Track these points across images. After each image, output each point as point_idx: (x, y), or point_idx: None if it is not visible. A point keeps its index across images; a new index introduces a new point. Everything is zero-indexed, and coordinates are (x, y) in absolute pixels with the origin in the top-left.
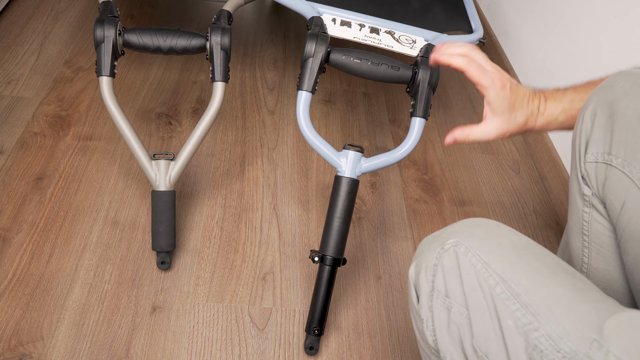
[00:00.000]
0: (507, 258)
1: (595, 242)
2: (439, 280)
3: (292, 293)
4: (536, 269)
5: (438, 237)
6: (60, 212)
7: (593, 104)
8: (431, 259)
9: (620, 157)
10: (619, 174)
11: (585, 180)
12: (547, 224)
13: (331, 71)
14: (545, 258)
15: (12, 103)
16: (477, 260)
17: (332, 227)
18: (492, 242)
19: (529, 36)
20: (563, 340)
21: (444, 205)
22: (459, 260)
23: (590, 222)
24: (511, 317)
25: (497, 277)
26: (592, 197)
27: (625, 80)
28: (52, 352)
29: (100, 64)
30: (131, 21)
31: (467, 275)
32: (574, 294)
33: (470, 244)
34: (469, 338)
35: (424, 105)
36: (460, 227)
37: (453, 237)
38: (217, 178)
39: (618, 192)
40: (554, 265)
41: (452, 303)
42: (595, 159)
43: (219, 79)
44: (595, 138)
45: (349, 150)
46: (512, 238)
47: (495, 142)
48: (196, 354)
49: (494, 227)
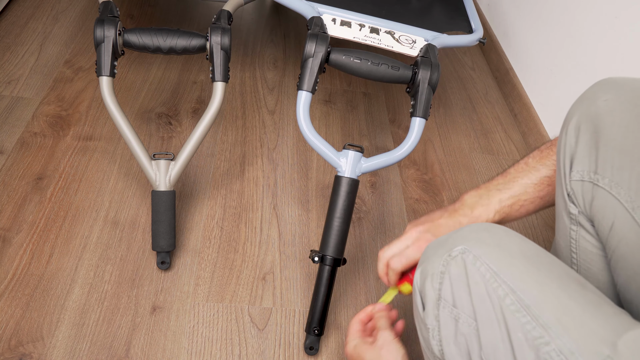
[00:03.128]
0: (516, 267)
1: (584, 260)
2: (446, 289)
3: (292, 293)
4: (546, 279)
5: (444, 243)
6: (60, 212)
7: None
8: (438, 266)
9: (607, 177)
10: (606, 195)
11: (571, 199)
12: (547, 224)
13: (331, 71)
14: (555, 267)
15: (12, 103)
16: (485, 269)
17: (332, 227)
18: (501, 250)
19: (529, 36)
20: (575, 356)
21: (444, 205)
22: (467, 268)
23: (578, 240)
24: (521, 329)
25: (507, 288)
26: (579, 216)
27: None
28: (52, 352)
29: (100, 64)
30: (131, 21)
31: (475, 285)
32: (586, 307)
33: (478, 251)
34: (477, 350)
35: (424, 105)
36: (468, 232)
37: (460, 244)
38: (217, 178)
39: (606, 213)
40: (565, 275)
41: (460, 313)
42: (581, 177)
43: (219, 79)
44: (580, 155)
45: (349, 150)
46: (521, 245)
47: (495, 142)
48: (196, 354)
49: (502, 234)
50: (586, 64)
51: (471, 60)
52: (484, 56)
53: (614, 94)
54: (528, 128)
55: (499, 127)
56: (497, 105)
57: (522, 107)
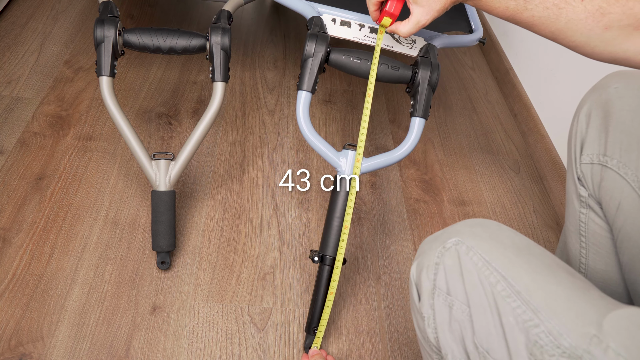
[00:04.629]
0: (507, 257)
1: (593, 243)
2: (441, 279)
3: (292, 293)
4: (536, 268)
5: (440, 237)
6: (60, 212)
7: (588, 105)
8: (433, 258)
9: (615, 158)
10: (614, 175)
11: (581, 182)
12: (547, 224)
13: (331, 71)
14: (545, 258)
15: (12, 103)
16: (478, 258)
17: (332, 227)
18: (493, 241)
19: (529, 36)
20: (563, 337)
21: (444, 205)
22: (461, 258)
23: (587, 223)
24: (512, 313)
25: (498, 275)
26: (589, 198)
27: (619, 82)
28: (52, 352)
29: (100, 64)
30: (131, 21)
31: (468, 273)
32: (573, 292)
33: (471, 242)
34: (470, 335)
35: (423, 105)
36: (462, 226)
37: (454, 236)
38: (217, 178)
39: (614, 194)
40: (554, 265)
41: (454, 300)
42: (590, 160)
43: (219, 79)
44: (590, 139)
45: (349, 150)
46: (513, 238)
47: (495, 142)
48: (196, 354)
49: (495, 228)
50: (586, 64)
51: (471, 60)
52: (484, 56)
53: (624, 82)
54: (528, 128)
55: (499, 127)
56: (497, 105)
57: (522, 107)
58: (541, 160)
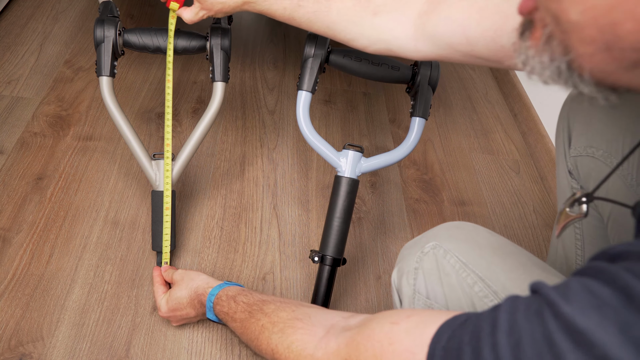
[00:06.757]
0: (484, 258)
1: (588, 234)
2: (420, 283)
3: (292, 293)
4: (512, 267)
5: (418, 242)
6: (60, 212)
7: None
8: (412, 263)
9: (601, 149)
10: (601, 166)
11: (572, 174)
12: (547, 224)
13: (331, 71)
14: (520, 256)
15: (12, 103)
16: (455, 260)
17: (332, 227)
18: (469, 243)
19: None
20: None
21: (444, 205)
22: (439, 262)
23: None
24: None
25: (475, 277)
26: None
27: None
28: (52, 352)
29: (100, 64)
30: (131, 21)
31: (446, 277)
32: None
33: (448, 245)
34: None
35: (423, 105)
36: (439, 230)
37: (432, 240)
38: (217, 178)
39: None
40: (529, 263)
41: (433, 304)
42: (578, 153)
43: (219, 79)
44: (576, 133)
45: (349, 150)
46: (489, 238)
47: (495, 142)
48: (196, 354)
49: (470, 229)
50: None
51: None
52: None
53: None
54: (528, 128)
55: (499, 127)
56: (497, 105)
57: (522, 107)
58: (541, 160)
